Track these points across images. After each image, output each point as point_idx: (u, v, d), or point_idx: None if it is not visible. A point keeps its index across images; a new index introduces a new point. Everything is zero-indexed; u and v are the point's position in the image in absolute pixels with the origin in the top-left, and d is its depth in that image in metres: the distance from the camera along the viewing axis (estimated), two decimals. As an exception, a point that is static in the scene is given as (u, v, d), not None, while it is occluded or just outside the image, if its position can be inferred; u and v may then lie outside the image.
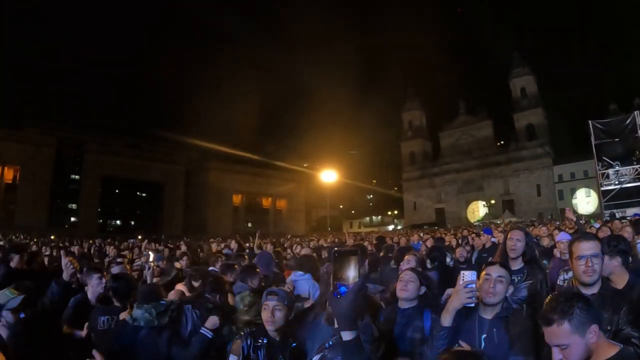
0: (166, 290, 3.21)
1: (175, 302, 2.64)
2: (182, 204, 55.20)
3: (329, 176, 40.86)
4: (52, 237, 20.80)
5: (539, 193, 48.72)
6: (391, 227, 59.40)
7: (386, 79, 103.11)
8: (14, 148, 42.25)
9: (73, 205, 50.24)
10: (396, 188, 65.32)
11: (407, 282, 2.26)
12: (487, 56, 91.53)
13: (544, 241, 6.74)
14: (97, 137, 49.77)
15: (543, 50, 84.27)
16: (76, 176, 49.97)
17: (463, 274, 1.74)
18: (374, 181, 74.50)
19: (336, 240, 12.78)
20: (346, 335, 1.09)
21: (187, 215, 54.25)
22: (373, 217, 70.28)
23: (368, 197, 78.92)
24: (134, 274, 4.36)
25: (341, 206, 71.19)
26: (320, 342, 1.74)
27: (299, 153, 70.25)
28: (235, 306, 2.74)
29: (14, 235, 18.23)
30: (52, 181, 45.89)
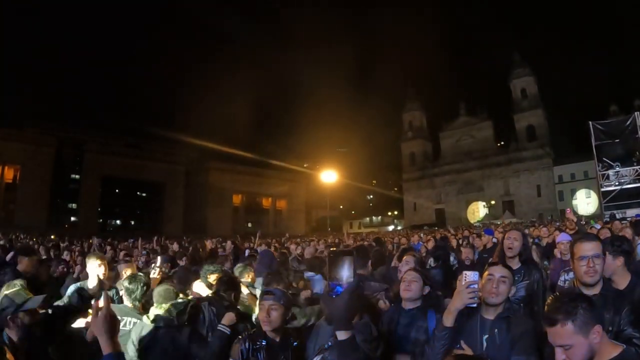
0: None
1: (192, 301, 2.68)
2: (182, 204, 55.16)
3: (329, 176, 40.87)
4: (52, 237, 20.77)
5: (539, 194, 48.71)
6: (391, 228, 59.38)
7: (386, 80, 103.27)
8: (14, 148, 42.23)
9: (73, 205, 50.25)
10: (396, 188, 65.32)
11: (410, 282, 2.25)
12: (488, 57, 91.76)
13: (545, 242, 6.75)
14: (97, 137, 49.77)
15: (543, 51, 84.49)
16: (76, 176, 49.97)
17: (465, 274, 1.74)
18: (374, 181, 74.56)
19: (336, 240, 12.72)
20: (341, 334, 1.10)
21: (187, 215, 54.21)
22: (373, 218, 70.27)
23: (368, 198, 78.87)
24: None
25: (341, 206, 71.15)
26: (321, 343, 1.74)
27: (299, 153, 70.37)
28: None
29: (14, 235, 18.18)
30: (52, 181, 45.87)
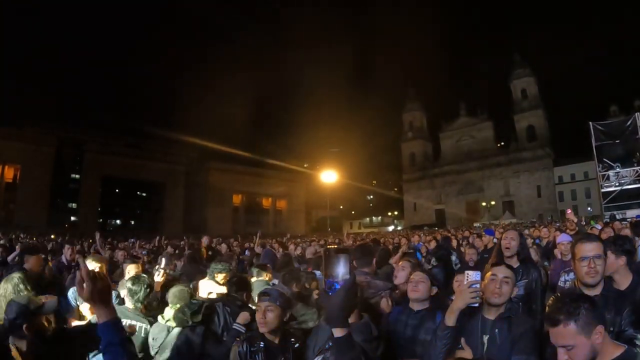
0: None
1: (206, 301, 2.70)
2: (182, 204, 55.16)
3: (329, 176, 40.85)
4: (52, 236, 20.79)
5: (539, 194, 48.72)
6: (391, 228, 59.40)
7: (386, 80, 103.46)
8: (15, 147, 42.23)
9: (73, 204, 50.27)
10: (396, 189, 65.35)
11: (418, 283, 2.23)
12: (488, 57, 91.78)
13: (545, 242, 6.74)
14: (97, 137, 49.79)
15: (544, 51, 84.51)
16: (76, 175, 49.99)
17: (467, 274, 1.74)
18: (374, 182, 74.55)
19: (336, 241, 12.73)
20: (337, 332, 1.10)
21: (187, 215, 54.21)
22: (373, 218, 70.31)
23: (368, 198, 78.87)
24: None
25: (341, 207, 71.15)
26: (321, 343, 1.73)
27: (299, 153, 70.46)
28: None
29: (14, 234, 18.19)
30: (52, 180, 45.88)
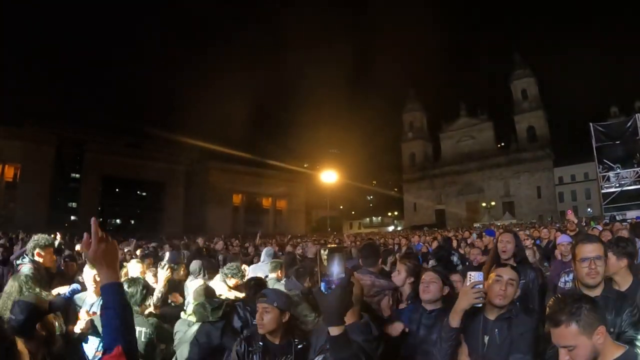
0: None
1: (227, 301, 2.76)
2: (182, 204, 55.15)
3: (329, 176, 40.88)
4: (53, 236, 20.73)
5: (539, 195, 48.71)
6: (391, 228, 59.41)
7: (386, 80, 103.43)
8: (15, 146, 42.18)
9: (73, 204, 50.25)
10: (396, 189, 65.33)
11: (429, 283, 2.21)
12: (488, 58, 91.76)
13: (545, 242, 6.74)
14: (98, 137, 49.77)
15: (544, 52, 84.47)
16: (76, 175, 49.98)
17: (470, 275, 1.76)
18: (374, 182, 74.49)
19: (336, 241, 12.76)
20: (333, 330, 1.11)
21: (187, 215, 54.20)
22: (373, 218, 70.30)
23: (368, 198, 78.84)
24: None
25: (341, 207, 71.13)
26: (322, 342, 1.73)
27: (299, 153, 70.44)
28: None
29: (14, 233, 18.18)
30: (53, 180, 45.83)
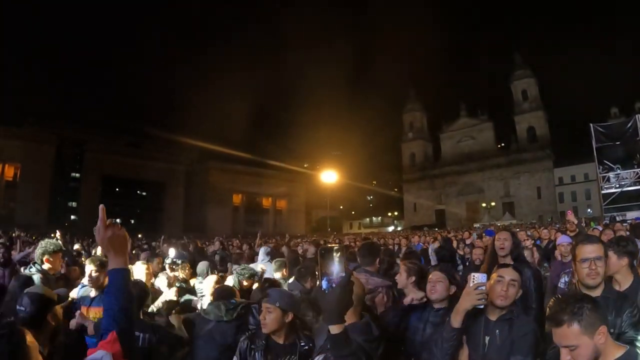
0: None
1: (242, 303, 2.82)
2: (182, 204, 55.17)
3: (329, 177, 40.88)
4: (52, 235, 20.74)
5: (540, 195, 48.71)
6: (391, 228, 59.40)
7: (387, 80, 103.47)
8: (15, 146, 42.23)
9: (73, 203, 50.24)
10: (396, 189, 65.32)
11: (436, 283, 2.20)
12: (488, 58, 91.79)
13: (545, 243, 6.74)
14: (98, 136, 49.77)
15: (544, 52, 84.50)
16: (76, 174, 49.98)
17: (473, 276, 1.76)
18: (374, 182, 74.52)
19: (337, 241, 12.77)
20: (333, 329, 1.14)
21: (187, 215, 54.22)
22: (373, 218, 70.29)
23: (368, 198, 78.86)
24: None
25: (341, 207, 71.15)
26: (322, 342, 1.74)
27: (299, 153, 70.50)
28: None
29: (14, 233, 18.17)
30: (53, 179, 45.85)
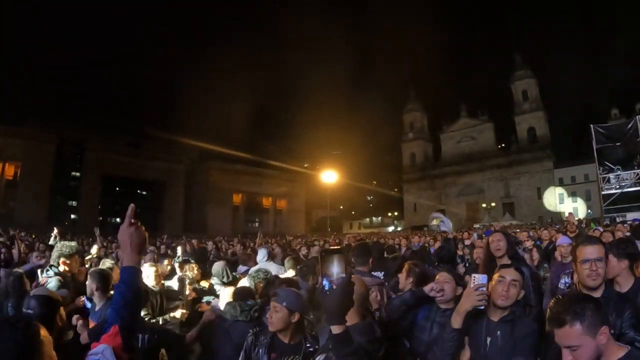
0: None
1: (258, 304, 2.89)
2: (182, 204, 55.18)
3: (329, 177, 40.91)
4: (53, 234, 20.67)
5: (540, 196, 48.69)
6: (391, 229, 59.36)
7: (387, 80, 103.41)
8: (15, 144, 42.24)
9: (73, 202, 50.21)
10: (396, 189, 65.27)
11: (443, 284, 2.22)
12: (489, 58, 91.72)
13: (545, 244, 6.74)
14: (98, 136, 49.77)
15: (545, 52, 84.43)
16: (76, 174, 49.95)
17: (474, 277, 1.76)
18: (374, 182, 74.48)
19: (337, 241, 12.80)
20: (335, 329, 1.16)
21: (187, 214, 54.23)
22: (373, 218, 70.20)
23: (368, 198, 78.83)
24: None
25: (341, 207, 71.12)
26: (324, 341, 1.74)
27: (300, 153, 70.45)
28: None
29: (14, 232, 18.17)
30: (53, 178, 45.82)
